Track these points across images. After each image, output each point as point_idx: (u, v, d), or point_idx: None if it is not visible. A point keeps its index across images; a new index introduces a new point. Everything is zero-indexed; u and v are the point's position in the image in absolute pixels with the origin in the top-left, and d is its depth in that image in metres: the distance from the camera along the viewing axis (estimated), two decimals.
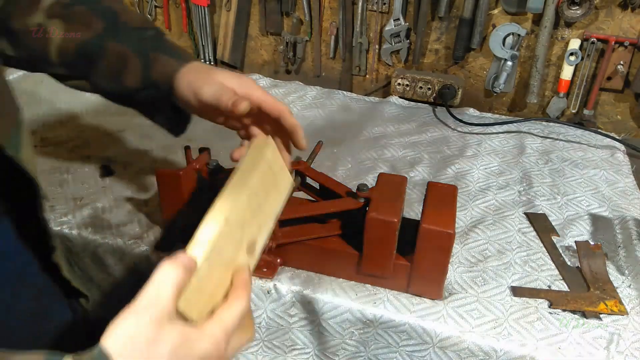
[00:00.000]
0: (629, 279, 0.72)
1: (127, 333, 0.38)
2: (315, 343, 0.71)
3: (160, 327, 0.39)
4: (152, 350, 0.38)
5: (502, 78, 1.18)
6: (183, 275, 0.42)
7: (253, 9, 1.36)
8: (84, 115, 1.15)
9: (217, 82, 0.58)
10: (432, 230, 0.61)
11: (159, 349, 0.39)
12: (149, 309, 0.39)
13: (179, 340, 0.40)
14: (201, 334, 0.41)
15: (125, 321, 0.39)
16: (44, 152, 1.00)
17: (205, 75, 0.60)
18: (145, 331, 0.39)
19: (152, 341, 0.39)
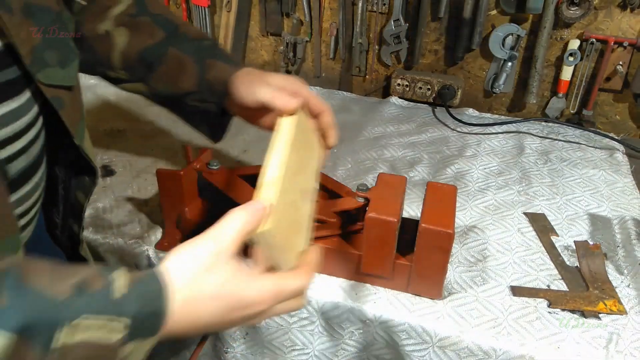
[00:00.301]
0: (628, 279, 0.72)
1: (186, 258, 0.43)
2: (315, 343, 0.71)
3: (217, 259, 0.43)
4: (204, 276, 0.42)
5: (501, 78, 1.19)
6: (250, 219, 0.44)
7: (253, 9, 1.36)
8: (85, 116, 1.15)
9: (269, 83, 0.63)
10: (431, 230, 0.61)
11: (210, 278, 0.42)
12: (210, 242, 0.43)
13: (230, 276, 0.43)
14: (253, 281, 0.44)
15: (187, 248, 0.43)
16: None
17: (258, 78, 0.65)
18: (203, 259, 0.42)
19: (206, 269, 0.42)
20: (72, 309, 0.37)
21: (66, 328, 0.36)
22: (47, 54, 0.48)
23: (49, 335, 0.36)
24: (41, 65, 0.47)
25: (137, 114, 1.17)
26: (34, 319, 0.35)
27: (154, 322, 0.40)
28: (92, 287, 0.38)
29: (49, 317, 0.36)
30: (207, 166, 0.74)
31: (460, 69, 1.26)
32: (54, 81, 0.49)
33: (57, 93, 0.50)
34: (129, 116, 1.15)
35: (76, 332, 0.36)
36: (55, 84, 0.49)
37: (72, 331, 0.36)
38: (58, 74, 0.50)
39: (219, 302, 0.43)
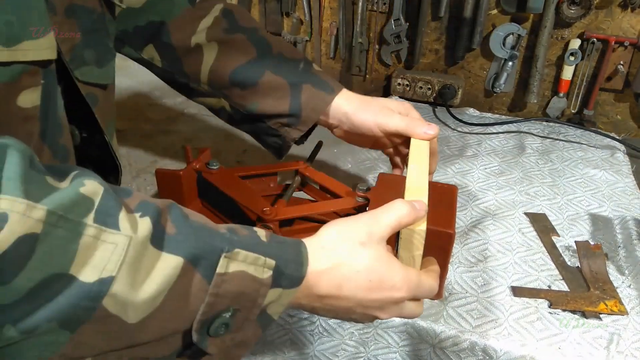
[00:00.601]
0: (629, 279, 0.72)
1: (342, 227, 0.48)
2: (316, 343, 0.71)
3: (371, 237, 0.47)
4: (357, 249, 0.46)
5: (502, 78, 1.18)
6: (410, 212, 0.50)
7: (253, 9, 1.36)
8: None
9: (393, 110, 0.68)
10: (432, 230, 0.61)
11: (363, 251, 0.46)
12: (368, 219, 0.48)
13: (381, 255, 0.47)
14: (400, 267, 0.48)
15: (344, 220, 0.48)
16: None
17: (375, 105, 0.69)
18: (359, 232, 0.47)
19: (360, 242, 0.46)
20: (230, 242, 0.40)
21: (225, 257, 0.39)
22: (86, 52, 0.50)
23: (213, 261, 0.39)
24: (79, 63, 0.49)
25: (137, 114, 1.17)
26: (200, 246, 0.39)
27: (295, 272, 0.43)
28: (241, 232, 0.43)
29: (212, 245, 0.39)
30: (206, 166, 0.74)
31: (461, 69, 1.26)
32: (90, 79, 0.51)
33: (92, 90, 0.52)
34: (129, 116, 1.15)
35: (233, 262, 0.40)
36: (91, 82, 0.51)
37: (230, 261, 0.40)
38: (95, 72, 0.52)
39: (367, 276, 0.46)
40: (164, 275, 0.37)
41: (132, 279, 0.35)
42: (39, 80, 0.45)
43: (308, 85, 0.68)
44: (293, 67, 0.70)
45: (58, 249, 0.33)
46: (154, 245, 0.37)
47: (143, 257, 0.36)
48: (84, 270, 0.34)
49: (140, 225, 0.37)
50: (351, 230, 0.48)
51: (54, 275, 0.33)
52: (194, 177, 0.74)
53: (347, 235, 0.47)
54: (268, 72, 0.68)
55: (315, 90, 0.69)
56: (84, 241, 0.34)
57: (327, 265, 0.45)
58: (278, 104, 0.69)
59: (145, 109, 1.18)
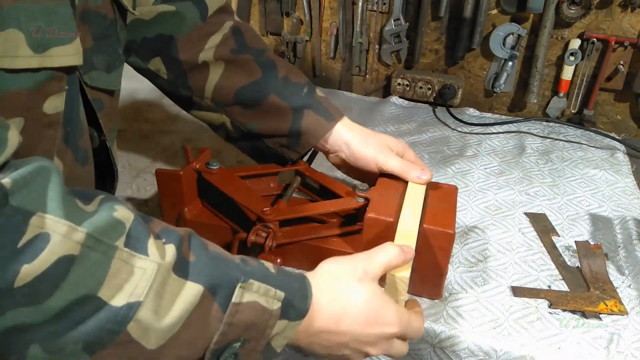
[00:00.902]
0: (629, 279, 0.72)
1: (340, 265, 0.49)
2: None
3: (366, 275, 0.49)
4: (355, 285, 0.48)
5: (502, 78, 1.18)
6: (399, 256, 0.51)
7: (253, 9, 1.35)
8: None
9: (390, 151, 0.70)
10: (432, 230, 0.61)
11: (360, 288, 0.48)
12: (363, 259, 0.50)
13: (376, 292, 0.48)
14: (393, 304, 0.49)
15: (341, 258, 0.50)
16: None
17: (374, 141, 0.70)
18: (356, 270, 0.48)
19: (358, 279, 0.48)
20: (244, 272, 0.42)
21: (241, 287, 0.41)
22: (96, 57, 0.50)
23: (229, 291, 0.40)
24: (89, 68, 0.49)
25: (137, 114, 1.17)
26: (218, 275, 0.40)
27: (301, 304, 0.44)
28: (251, 263, 0.44)
29: (229, 275, 0.41)
30: (206, 166, 0.74)
31: (461, 69, 1.26)
32: (98, 84, 0.51)
33: (98, 95, 0.52)
34: (129, 116, 1.15)
35: (247, 292, 0.41)
36: (98, 87, 0.51)
37: (244, 291, 0.41)
38: (103, 77, 0.52)
39: (365, 311, 0.47)
40: (186, 302, 0.38)
41: (157, 305, 0.36)
42: (64, 85, 0.45)
43: (310, 111, 0.70)
44: (297, 91, 0.71)
45: (91, 271, 0.34)
46: (177, 272, 0.38)
47: (168, 284, 0.37)
48: (113, 294, 0.35)
49: (166, 252, 0.38)
50: (349, 267, 0.49)
51: (84, 296, 0.34)
52: (194, 177, 0.74)
53: (345, 271, 0.49)
54: (272, 95, 0.70)
55: (317, 116, 0.71)
56: (115, 264, 0.35)
57: (327, 299, 0.47)
58: (279, 126, 0.71)
59: (145, 109, 1.18)
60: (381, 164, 0.69)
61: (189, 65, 0.70)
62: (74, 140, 0.49)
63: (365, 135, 0.72)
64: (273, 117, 0.71)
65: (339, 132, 0.71)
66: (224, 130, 0.75)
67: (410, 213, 0.62)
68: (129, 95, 1.24)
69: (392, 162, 0.69)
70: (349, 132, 0.71)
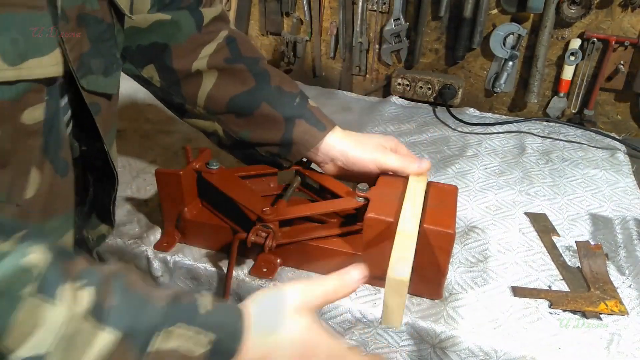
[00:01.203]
0: (629, 279, 0.72)
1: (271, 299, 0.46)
2: None
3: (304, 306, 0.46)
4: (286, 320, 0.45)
5: (502, 78, 1.18)
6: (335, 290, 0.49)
7: (253, 9, 1.35)
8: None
9: (386, 150, 0.70)
10: (432, 230, 0.61)
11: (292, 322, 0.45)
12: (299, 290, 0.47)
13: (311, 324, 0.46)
14: (328, 337, 0.47)
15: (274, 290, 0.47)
16: None
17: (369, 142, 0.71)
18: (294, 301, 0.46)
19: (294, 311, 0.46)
20: (168, 317, 0.40)
21: (162, 334, 0.39)
22: (94, 61, 0.50)
23: (147, 339, 0.38)
24: (86, 72, 0.49)
25: (137, 114, 1.16)
26: (137, 322, 0.38)
27: (232, 343, 0.42)
28: (183, 300, 0.42)
29: (150, 322, 0.39)
30: (206, 166, 0.74)
31: (461, 69, 1.26)
32: (96, 88, 0.51)
33: (96, 100, 0.52)
34: (128, 116, 1.15)
35: (170, 339, 0.39)
36: (96, 91, 0.51)
37: (166, 338, 0.39)
38: (100, 81, 0.52)
39: (299, 345, 0.45)
40: (100, 352, 0.36)
41: (67, 356, 0.35)
42: (43, 97, 0.45)
43: (301, 121, 0.71)
44: (289, 101, 0.71)
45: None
46: (94, 317, 0.37)
47: (80, 333, 0.36)
48: (19, 344, 0.34)
49: (82, 296, 0.37)
50: (285, 298, 0.47)
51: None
52: (194, 177, 0.74)
53: (282, 302, 0.46)
54: (264, 104, 0.70)
55: (308, 125, 0.71)
56: (19, 315, 0.34)
57: (260, 332, 0.44)
58: (271, 135, 0.71)
59: (145, 109, 1.18)
60: (381, 163, 0.69)
61: (182, 74, 0.70)
62: (54, 151, 0.48)
63: (359, 139, 0.72)
64: (265, 126, 0.71)
65: (331, 143, 0.72)
66: (216, 137, 0.76)
67: (410, 213, 0.62)
68: (129, 95, 1.24)
69: (390, 159, 0.69)
70: (342, 140, 0.72)
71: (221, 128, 0.73)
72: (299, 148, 0.72)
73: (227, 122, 0.72)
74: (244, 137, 0.73)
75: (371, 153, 0.70)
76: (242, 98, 0.70)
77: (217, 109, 0.72)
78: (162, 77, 0.71)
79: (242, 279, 0.70)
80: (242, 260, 0.73)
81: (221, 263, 0.73)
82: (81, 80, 0.48)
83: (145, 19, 0.66)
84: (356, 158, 0.70)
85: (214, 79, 0.70)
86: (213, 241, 0.74)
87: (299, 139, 0.71)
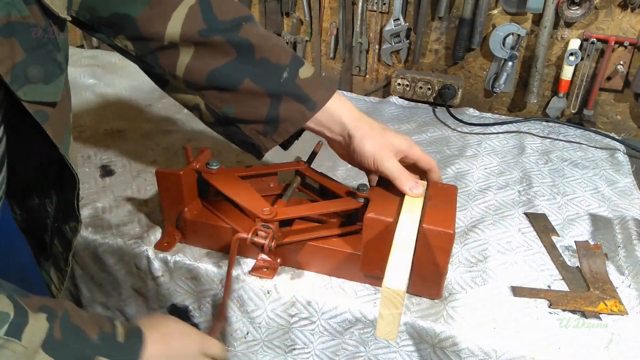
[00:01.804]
0: (628, 279, 0.72)
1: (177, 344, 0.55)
2: (316, 343, 0.71)
3: None
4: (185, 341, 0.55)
5: (502, 78, 1.18)
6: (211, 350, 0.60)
7: (253, 9, 1.36)
8: (84, 116, 1.15)
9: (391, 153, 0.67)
10: (432, 230, 0.61)
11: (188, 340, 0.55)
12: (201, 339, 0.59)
13: None
14: None
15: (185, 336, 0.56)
16: None
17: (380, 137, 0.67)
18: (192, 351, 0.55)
19: None
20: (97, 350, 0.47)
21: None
22: (31, 70, 0.47)
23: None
24: (23, 82, 0.46)
25: (137, 114, 1.17)
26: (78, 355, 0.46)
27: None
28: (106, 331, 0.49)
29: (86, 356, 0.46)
30: (206, 166, 0.74)
31: (461, 69, 1.26)
32: (35, 97, 0.48)
33: (39, 108, 0.49)
34: (129, 116, 1.15)
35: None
36: (36, 101, 0.49)
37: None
38: (41, 90, 0.49)
39: None
40: None
41: None
42: None
43: (288, 98, 0.66)
44: (275, 76, 0.66)
45: None
46: (45, 350, 0.44)
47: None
48: None
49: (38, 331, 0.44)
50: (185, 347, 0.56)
51: None
52: (194, 177, 0.74)
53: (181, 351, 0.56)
54: (247, 80, 0.65)
55: (296, 103, 0.66)
56: None
57: None
58: (255, 112, 0.67)
59: (145, 109, 1.18)
60: (379, 165, 0.67)
61: (156, 44, 0.65)
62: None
63: (370, 129, 0.68)
64: (249, 102, 0.66)
65: (335, 116, 0.68)
66: (197, 112, 0.71)
67: (409, 214, 0.62)
68: (129, 95, 1.24)
69: (388, 165, 0.66)
70: (346, 115, 0.68)
71: (203, 102, 0.69)
72: (286, 126, 0.68)
73: (210, 96, 0.68)
74: (227, 113, 0.68)
75: (374, 150, 0.66)
76: (222, 71, 0.65)
77: (197, 82, 0.67)
78: (135, 46, 0.66)
79: (242, 279, 0.70)
80: (242, 260, 0.73)
81: (221, 263, 0.73)
82: (18, 91, 0.46)
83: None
84: (360, 148, 0.67)
85: (191, 51, 0.65)
86: (213, 241, 0.74)
87: (285, 116, 0.67)
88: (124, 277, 0.79)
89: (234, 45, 0.65)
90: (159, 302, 0.79)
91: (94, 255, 0.79)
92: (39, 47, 0.48)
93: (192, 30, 0.64)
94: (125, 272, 0.79)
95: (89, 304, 0.84)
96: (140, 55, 0.67)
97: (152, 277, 0.76)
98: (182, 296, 0.77)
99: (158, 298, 0.78)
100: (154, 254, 0.75)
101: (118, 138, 1.06)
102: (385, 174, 0.67)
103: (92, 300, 0.84)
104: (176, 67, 0.66)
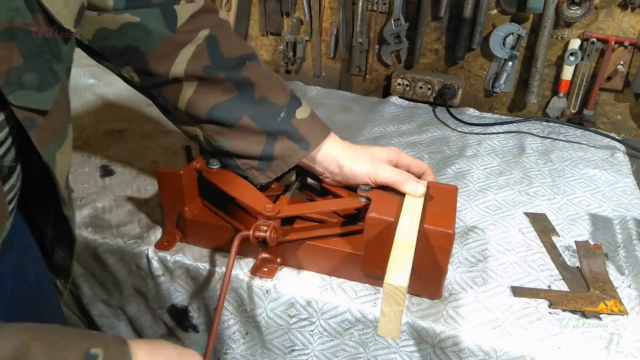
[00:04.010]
0: (629, 279, 0.72)
1: None
2: (315, 343, 0.71)
3: None
4: None
5: (502, 78, 1.19)
6: None
7: (253, 9, 1.36)
8: (85, 116, 1.15)
9: (381, 162, 0.69)
10: (432, 230, 0.61)
11: None
12: None
13: None
14: None
15: None
16: None
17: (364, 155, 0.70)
18: None
19: None
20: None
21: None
22: (26, 76, 0.47)
23: None
24: (15, 87, 0.47)
25: (137, 114, 1.17)
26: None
27: None
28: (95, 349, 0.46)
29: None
30: (207, 165, 0.74)
31: (461, 69, 1.26)
32: (26, 103, 0.48)
33: (27, 114, 0.49)
34: (129, 116, 1.15)
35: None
36: (26, 107, 0.49)
37: None
38: (32, 97, 0.49)
39: None
40: None
41: None
42: None
43: (284, 137, 0.69)
44: (273, 115, 0.69)
45: None
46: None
47: None
48: None
49: None
50: None
51: None
52: (194, 177, 0.74)
53: None
54: (246, 117, 0.68)
55: (291, 143, 0.69)
56: None
57: None
58: (250, 148, 0.70)
59: (145, 109, 1.18)
60: (374, 177, 0.68)
61: (160, 78, 0.68)
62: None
63: (355, 152, 0.71)
64: (246, 138, 0.70)
65: (329, 155, 0.70)
66: (197, 142, 0.75)
67: (410, 213, 0.62)
68: (129, 95, 1.24)
69: (383, 173, 0.68)
70: (339, 154, 0.70)
71: (202, 134, 0.72)
72: (280, 164, 0.71)
73: (208, 129, 0.71)
74: (224, 147, 0.71)
75: (366, 166, 0.69)
76: (222, 108, 0.68)
77: (198, 115, 0.70)
78: (141, 79, 0.69)
79: (242, 279, 0.70)
80: (242, 260, 0.73)
81: (221, 263, 0.73)
82: (9, 95, 0.46)
83: (113, 20, 0.64)
84: (352, 172, 0.70)
85: (194, 87, 0.68)
86: (214, 241, 0.74)
87: (280, 154, 0.70)
88: (124, 276, 0.79)
89: (235, 83, 0.68)
90: (158, 302, 0.79)
91: (94, 255, 0.79)
92: (38, 54, 0.48)
93: (197, 67, 0.67)
94: (125, 272, 0.79)
95: (91, 302, 0.84)
96: (144, 87, 0.70)
97: (152, 276, 0.76)
98: (182, 296, 0.77)
99: (158, 298, 0.78)
100: (154, 254, 0.75)
101: (118, 138, 1.06)
102: (384, 182, 0.68)
103: (94, 299, 0.84)
104: (178, 100, 0.69)
